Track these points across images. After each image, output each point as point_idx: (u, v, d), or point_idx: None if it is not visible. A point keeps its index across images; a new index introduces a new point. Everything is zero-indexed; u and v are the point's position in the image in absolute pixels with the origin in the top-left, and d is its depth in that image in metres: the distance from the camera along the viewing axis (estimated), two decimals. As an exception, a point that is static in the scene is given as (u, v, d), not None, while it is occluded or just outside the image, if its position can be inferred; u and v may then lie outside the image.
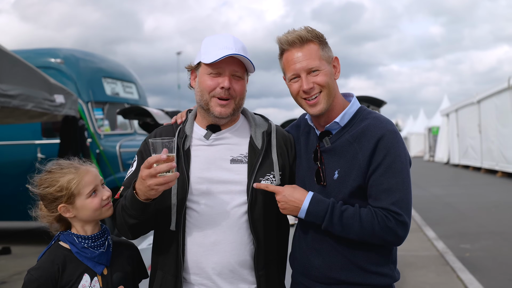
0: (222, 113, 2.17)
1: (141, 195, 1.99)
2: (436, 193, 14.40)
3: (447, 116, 28.98)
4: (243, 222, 2.16)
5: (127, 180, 2.25)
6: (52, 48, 9.84)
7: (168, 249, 2.19)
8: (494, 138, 19.19)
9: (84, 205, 2.09)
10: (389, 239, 2.05)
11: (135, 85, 10.87)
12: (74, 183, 2.08)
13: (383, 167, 2.05)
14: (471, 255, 7.31)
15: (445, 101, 34.05)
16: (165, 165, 1.91)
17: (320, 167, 2.18)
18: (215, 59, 2.10)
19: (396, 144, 2.10)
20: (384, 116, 2.22)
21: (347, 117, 2.20)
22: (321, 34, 2.21)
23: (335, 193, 2.12)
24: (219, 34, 2.26)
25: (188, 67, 2.28)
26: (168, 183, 1.94)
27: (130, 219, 2.07)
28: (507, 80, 17.01)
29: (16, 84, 5.99)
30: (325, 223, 2.06)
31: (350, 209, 2.06)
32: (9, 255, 8.06)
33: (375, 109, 5.61)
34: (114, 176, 8.53)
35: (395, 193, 2.04)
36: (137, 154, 2.31)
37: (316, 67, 2.14)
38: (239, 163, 2.21)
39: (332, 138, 2.19)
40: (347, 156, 2.12)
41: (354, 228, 2.03)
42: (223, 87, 2.14)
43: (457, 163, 26.30)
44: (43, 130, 9.06)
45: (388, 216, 2.02)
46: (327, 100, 2.16)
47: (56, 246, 2.12)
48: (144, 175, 1.93)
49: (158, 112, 6.03)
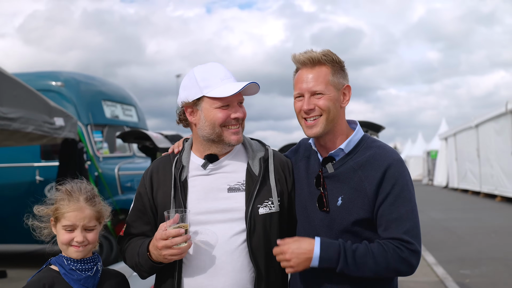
0: (239, 139, 2.21)
1: (154, 258, 2.11)
2: (435, 217, 14.33)
3: (445, 140, 29.04)
4: (242, 250, 2.16)
5: (129, 218, 2.34)
6: (53, 71, 9.92)
7: (167, 279, 2.20)
8: (493, 163, 19.20)
9: (58, 233, 2.17)
10: (403, 269, 2.04)
11: (135, 108, 10.92)
12: (61, 208, 2.15)
13: (392, 196, 2.06)
14: (471, 281, 7.23)
15: (443, 125, 34.15)
16: (180, 238, 2.01)
17: (323, 192, 2.17)
18: (232, 93, 2.11)
19: (403, 173, 2.12)
20: (388, 145, 2.23)
21: (352, 144, 2.21)
22: (339, 60, 2.21)
23: (339, 219, 2.12)
24: (208, 65, 2.24)
25: (185, 104, 2.23)
26: (181, 254, 2.05)
27: (145, 273, 2.23)
28: (505, 104, 17.12)
29: (16, 107, 6.02)
30: (340, 265, 2.02)
31: (360, 247, 2.04)
32: (5, 279, 7.98)
33: (374, 134, 5.64)
34: (112, 199, 8.50)
35: (405, 222, 2.04)
36: (136, 197, 2.35)
37: (320, 91, 2.15)
38: (237, 191, 2.21)
39: (336, 164, 2.19)
40: (351, 183, 2.12)
41: (369, 265, 2.02)
42: (237, 117, 2.17)
43: (456, 187, 26.23)
44: (42, 152, 9.06)
45: (400, 247, 2.02)
46: (325, 125, 2.16)
47: (47, 269, 2.17)
48: (160, 246, 2.02)
49: (157, 136, 6.06)
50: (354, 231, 2.11)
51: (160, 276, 2.24)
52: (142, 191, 2.30)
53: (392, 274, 2.06)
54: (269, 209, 2.19)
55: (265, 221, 2.18)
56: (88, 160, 8.60)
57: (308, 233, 2.22)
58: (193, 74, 2.21)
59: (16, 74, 7.15)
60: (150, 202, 2.26)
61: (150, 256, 2.12)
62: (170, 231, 2.02)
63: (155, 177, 2.29)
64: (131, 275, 3.43)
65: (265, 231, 2.17)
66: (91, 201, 2.18)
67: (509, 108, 16.90)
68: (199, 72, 2.21)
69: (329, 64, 2.18)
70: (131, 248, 2.24)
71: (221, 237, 2.15)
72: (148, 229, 2.28)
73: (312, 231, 2.20)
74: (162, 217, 2.20)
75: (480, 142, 21.11)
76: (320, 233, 2.16)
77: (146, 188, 2.28)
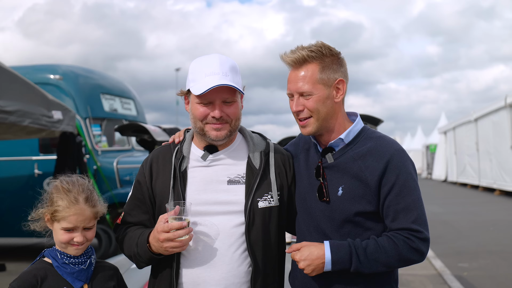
0: (218, 136, 2.16)
1: (155, 250, 2.10)
2: (434, 211, 14.35)
3: (444, 134, 29.05)
4: (240, 242, 2.15)
5: (127, 206, 2.31)
6: (51, 64, 9.87)
7: (164, 270, 2.19)
8: (492, 156, 19.22)
9: (56, 232, 2.14)
10: (415, 258, 2.06)
11: (134, 102, 10.89)
12: (61, 211, 2.10)
13: (397, 187, 2.06)
14: (469, 274, 7.26)
15: (442, 119, 34.19)
16: (183, 231, 2.00)
17: (323, 183, 2.16)
18: (201, 91, 2.08)
19: (406, 163, 2.11)
20: (388, 136, 2.22)
21: (352, 135, 2.19)
22: (332, 53, 2.14)
23: (340, 210, 2.11)
24: (206, 57, 2.21)
25: (180, 94, 2.26)
26: (182, 247, 2.04)
27: (143, 264, 2.21)
28: (504, 98, 17.11)
29: (13, 100, 6.00)
30: (354, 265, 2.01)
31: (370, 243, 2.04)
32: (4, 272, 7.98)
33: (372, 127, 5.63)
34: (111, 192, 8.50)
35: (413, 211, 2.05)
36: (134, 185, 2.33)
37: (307, 92, 2.12)
38: (237, 184, 2.20)
39: (336, 154, 2.18)
40: (351, 173, 2.12)
41: (382, 260, 2.02)
42: (214, 116, 2.13)
43: (455, 181, 26.28)
44: (41, 146, 9.05)
45: (410, 237, 2.02)
46: (316, 125, 2.15)
47: (40, 261, 2.17)
48: (162, 238, 2.02)
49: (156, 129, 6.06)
50: (356, 221, 2.10)
51: (157, 267, 2.23)
52: (141, 179, 2.28)
53: (404, 264, 2.07)
54: (268, 203, 2.18)
55: (264, 214, 2.17)
56: (86, 154, 8.59)
57: (308, 225, 2.21)
58: (191, 64, 2.22)
59: (15, 67, 7.12)
60: (149, 191, 2.25)
61: (150, 248, 2.11)
62: (173, 223, 2.00)
63: (154, 166, 2.28)
64: (129, 268, 3.43)
65: (264, 225, 2.17)
66: (91, 201, 2.15)
67: (508, 102, 16.90)
68: (193, 63, 2.21)
69: (317, 60, 2.11)
70: (128, 238, 2.22)
71: (219, 229, 2.14)
72: (146, 218, 2.27)
73: (312, 222, 2.19)
74: (160, 207, 2.19)
75: (479, 136, 21.12)
76: (321, 224, 2.16)
77: (145, 177, 2.27)
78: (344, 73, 2.19)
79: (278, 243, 2.27)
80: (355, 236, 2.10)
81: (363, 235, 2.10)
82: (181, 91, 2.27)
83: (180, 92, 2.27)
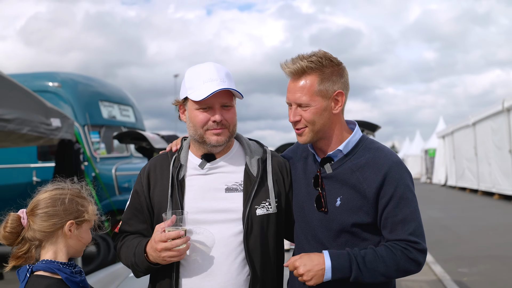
0: (219, 140, 2.17)
1: (152, 259, 2.09)
2: (434, 216, 14.34)
3: (443, 138, 29.07)
4: (239, 252, 2.15)
5: (125, 215, 2.32)
6: (50, 72, 9.89)
7: (163, 280, 2.19)
8: (491, 161, 19.22)
9: (85, 234, 2.08)
10: (412, 269, 2.06)
11: (132, 108, 10.90)
12: (92, 212, 2.09)
13: (395, 199, 2.07)
14: (469, 280, 7.24)
15: (440, 123, 34.21)
16: (180, 240, 2.00)
17: (321, 193, 2.16)
18: (202, 97, 2.09)
19: (404, 175, 2.12)
20: (387, 147, 2.22)
21: (350, 145, 2.19)
22: (332, 63, 2.11)
23: (338, 220, 2.11)
24: (201, 65, 2.23)
25: (175, 103, 2.27)
26: (180, 256, 2.04)
27: (141, 273, 2.21)
28: (501, 102, 17.14)
29: (12, 108, 6.00)
30: (354, 273, 2.00)
31: (368, 252, 2.04)
32: (1, 281, 7.95)
33: (370, 134, 5.63)
34: (110, 199, 8.48)
35: (410, 223, 2.06)
36: (132, 194, 2.33)
37: (305, 103, 2.11)
38: (234, 192, 2.20)
39: (334, 165, 2.18)
40: (349, 184, 2.12)
41: (380, 269, 2.02)
42: (215, 121, 2.14)
43: (454, 185, 26.28)
44: (39, 153, 9.04)
45: (407, 247, 2.03)
46: (311, 135, 2.15)
47: (37, 277, 2.00)
48: (160, 248, 2.01)
49: (154, 137, 6.05)
50: (353, 232, 2.10)
51: (156, 277, 2.22)
52: (139, 189, 2.28)
53: (402, 274, 2.07)
54: (266, 210, 2.18)
55: (262, 222, 2.17)
56: (85, 161, 8.58)
57: (306, 234, 2.21)
58: (186, 73, 2.23)
59: (13, 75, 7.13)
60: (147, 200, 2.25)
61: (148, 258, 2.11)
62: (170, 233, 2.00)
63: (152, 175, 2.28)
64: (127, 277, 3.42)
65: (262, 232, 2.17)
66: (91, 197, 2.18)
67: (505, 106, 16.92)
68: (189, 72, 2.22)
69: (317, 72, 2.09)
70: (126, 247, 2.23)
71: (218, 237, 2.14)
72: (143, 228, 2.27)
73: (309, 231, 2.19)
74: (158, 216, 2.19)
75: (478, 140, 21.13)
76: (318, 233, 2.16)
77: (143, 186, 2.27)
78: (344, 84, 2.17)
79: (277, 251, 2.27)
80: (352, 246, 2.09)
81: (359, 245, 2.10)
82: (176, 101, 2.27)
83: (175, 101, 2.27)
